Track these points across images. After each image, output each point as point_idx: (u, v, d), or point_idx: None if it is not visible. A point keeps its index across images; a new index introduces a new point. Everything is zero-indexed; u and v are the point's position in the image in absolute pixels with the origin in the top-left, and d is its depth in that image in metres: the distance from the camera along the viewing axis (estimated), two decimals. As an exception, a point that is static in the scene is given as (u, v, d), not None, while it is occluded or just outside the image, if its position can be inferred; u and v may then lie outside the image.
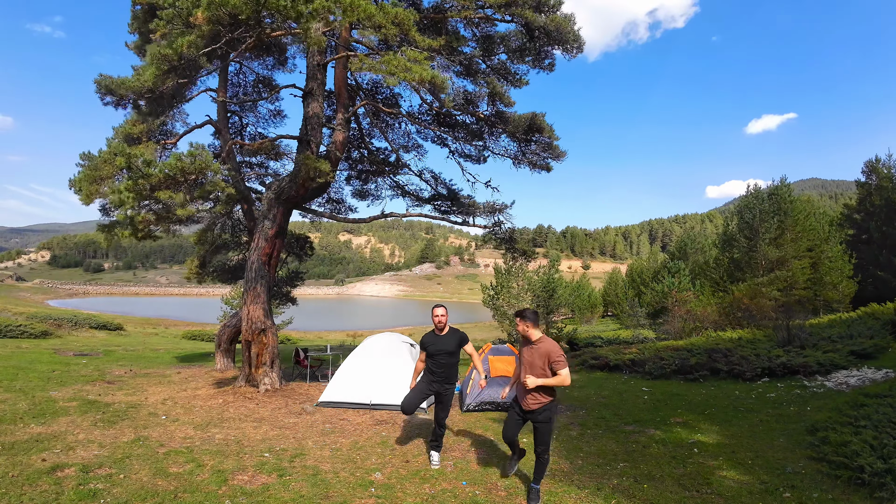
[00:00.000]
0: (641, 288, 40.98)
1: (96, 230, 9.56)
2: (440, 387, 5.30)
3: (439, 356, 5.24)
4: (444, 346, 5.24)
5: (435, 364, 5.26)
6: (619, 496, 4.43)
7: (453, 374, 5.34)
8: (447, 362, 5.26)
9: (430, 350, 5.27)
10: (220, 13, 6.70)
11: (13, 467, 4.51)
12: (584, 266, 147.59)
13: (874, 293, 21.77)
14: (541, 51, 10.73)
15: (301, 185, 9.32)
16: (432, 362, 5.28)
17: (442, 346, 5.24)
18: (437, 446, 5.36)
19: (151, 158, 7.23)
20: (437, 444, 5.36)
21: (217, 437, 5.97)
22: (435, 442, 5.37)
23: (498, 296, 26.05)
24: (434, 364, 5.27)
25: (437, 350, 5.24)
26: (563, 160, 11.73)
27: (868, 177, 26.58)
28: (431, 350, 5.26)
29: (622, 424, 7.09)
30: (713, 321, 18.29)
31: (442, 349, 5.24)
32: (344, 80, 10.30)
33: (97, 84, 8.79)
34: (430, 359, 5.29)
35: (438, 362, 5.25)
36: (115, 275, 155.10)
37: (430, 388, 5.32)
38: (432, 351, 5.25)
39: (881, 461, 4.54)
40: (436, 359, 5.26)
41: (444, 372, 5.27)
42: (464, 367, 11.79)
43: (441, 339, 5.27)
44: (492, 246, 12.81)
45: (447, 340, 5.26)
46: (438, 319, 5.23)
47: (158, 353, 16.48)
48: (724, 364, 10.25)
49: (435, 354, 5.25)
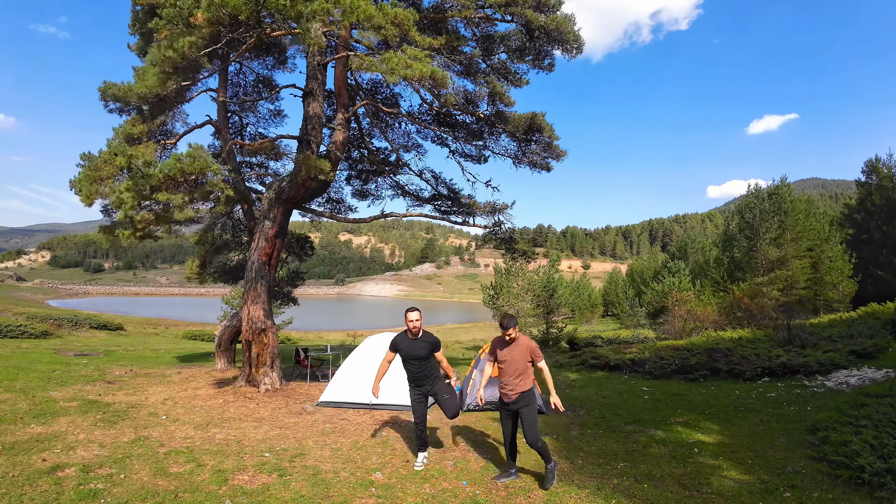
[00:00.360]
0: (642, 288, 41.02)
1: (97, 231, 9.57)
2: (430, 388, 5.29)
3: (411, 361, 5.21)
4: (416, 352, 5.17)
5: (409, 368, 5.25)
6: (620, 496, 4.43)
7: (432, 372, 5.29)
8: (420, 367, 5.21)
9: (402, 353, 5.22)
10: (220, 14, 6.71)
11: (13, 467, 4.51)
12: (585, 266, 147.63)
13: (874, 293, 21.78)
14: (541, 50, 10.73)
15: (301, 185, 9.32)
16: (407, 367, 5.26)
17: (414, 352, 5.17)
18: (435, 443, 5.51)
19: (151, 159, 7.24)
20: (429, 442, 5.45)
21: (217, 437, 5.97)
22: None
23: (498, 296, 26.05)
24: (408, 368, 5.26)
25: (409, 355, 5.19)
26: (563, 160, 11.73)
27: (868, 176, 26.61)
28: (403, 354, 5.21)
29: (622, 424, 7.09)
30: (713, 321, 18.31)
31: (414, 354, 5.17)
32: (344, 79, 10.30)
33: (102, 92, 8.82)
34: (405, 363, 5.26)
35: (411, 367, 5.23)
36: (115, 275, 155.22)
37: (425, 393, 5.31)
38: (404, 355, 5.21)
39: (881, 461, 4.54)
40: (409, 363, 5.23)
41: (421, 374, 5.23)
42: (464, 367, 11.78)
43: (414, 344, 5.18)
44: (492, 246, 12.80)
45: (419, 346, 5.18)
46: (413, 325, 5.11)
47: (159, 353, 16.49)
48: (724, 364, 10.25)
49: (407, 359, 5.21)
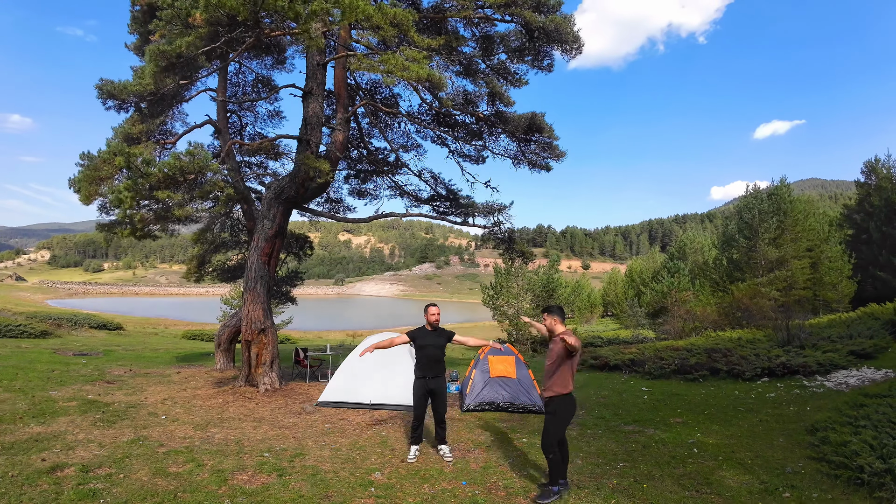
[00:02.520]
0: (641, 288, 41.03)
1: (96, 229, 9.57)
2: (435, 384, 5.54)
3: (429, 349, 5.52)
4: (435, 341, 5.57)
5: (424, 357, 5.52)
6: (619, 496, 4.43)
7: (441, 368, 5.68)
8: (436, 356, 5.57)
9: (419, 342, 5.54)
10: (218, 14, 6.70)
11: (13, 467, 4.51)
12: (584, 266, 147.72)
13: (873, 293, 21.79)
14: (540, 51, 10.73)
15: (300, 185, 9.32)
16: (422, 355, 5.54)
17: (433, 341, 5.56)
18: (443, 439, 5.67)
19: (150, 158, 7.23)
20: (442, 436, 5.67)
21: (217, 437, 5.97)
22: (440, 435, 5.68)
23: (498, 296, 26.02)
24: (423, 357, 5.53)
25: (428, 343, 5.52)
26: (562, 160, 11.72)
27: (867, 177, 26.61)
28: (421, 342, 5.53)
29: (622, 424, 7.09)
30: (713, 321, 18.31)
31: (433, 343, 5.55)
32: (343, 79, 10.30)
33: (99, 89, 8.82)
34: (420, 351, 5.56)
35: (428, 355, 5.52)
36: (114, 274, 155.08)
37: (428, 387, 5.55)
38: (422, 343, 5.53)
39: (881, 461, 4.54)
40: (425, 351, 5.53)
41: (434, 366, 5.55)
42: (463, 368, 11.78)
43: (432, 335, 5.60)
44: (491, 246, 12.80)
45: (438, 336, 5.62)
46: (435, 318, 5.60)
47: (158, 352, 16.47)
48: (723, 364, 10.25)
49: (425, 346, 5.51)
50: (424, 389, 5.53)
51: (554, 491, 4.37)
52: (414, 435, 5.56)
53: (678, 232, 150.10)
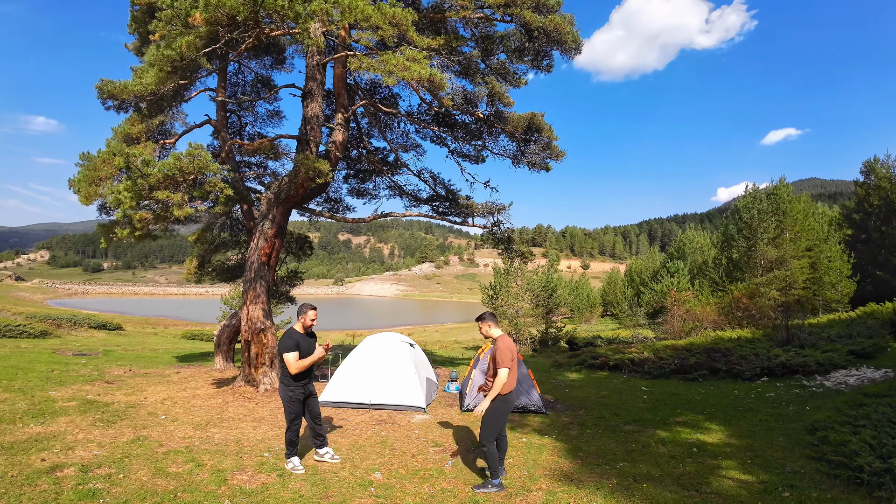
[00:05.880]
0: (640, 288, 40.99)
1: (95, 229, 9.56)
2: (312, 387, 5.30)
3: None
4: (313, 348, 5.16)
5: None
6: (619, 495, 4.43)
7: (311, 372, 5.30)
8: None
9: (302, 352, 5.03)
10: (217, 14, 6.69)
11: (12, 467, 4.50)
12: (584, 266, 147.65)
13: (873, 293, 21.85)
14: (540, 51, 10.73)
15: (300, 185, 9.32)
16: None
17: (312, 348, 5.14)
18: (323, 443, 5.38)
19: (150, 158, 7.22)
20: (321, 440, 5.36)
21: (216, 437, 5.97)
22: (318, 438, 5.34)
23: (497, 296, 25.99)
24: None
25: (309, 352, 5.09)
26: (562, 160, 11.73)
27: (867, 177, 26.66)
28: (304, 353, 5.05)
29: (622, 424, 7.09)
30: (712, 321, 18.33)
31: (312, 350, 5.13)
32: (343, 79, 10.30)
33: (99, 90, 8.79)
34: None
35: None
36: (114, 274, 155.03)
37: (306, 390, 5.21)
38: (304, 353, 5.05)
39: (880, 461, 4.55)
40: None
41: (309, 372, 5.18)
42: (463, 368, 11.78)
43: (310, 342, 5.16)
44: (490, 246, 12.80)
45: (313, 342, 5.20)
46: (313, 322, 5.22)
47: (158, 352, 16.46)
48: (723, 364, 10.26)
49: (307, 356, 5.08)
50: (304, 391, 5.18)
51: (495, 483, 4.58)
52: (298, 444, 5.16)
53: (677, 232, 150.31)
